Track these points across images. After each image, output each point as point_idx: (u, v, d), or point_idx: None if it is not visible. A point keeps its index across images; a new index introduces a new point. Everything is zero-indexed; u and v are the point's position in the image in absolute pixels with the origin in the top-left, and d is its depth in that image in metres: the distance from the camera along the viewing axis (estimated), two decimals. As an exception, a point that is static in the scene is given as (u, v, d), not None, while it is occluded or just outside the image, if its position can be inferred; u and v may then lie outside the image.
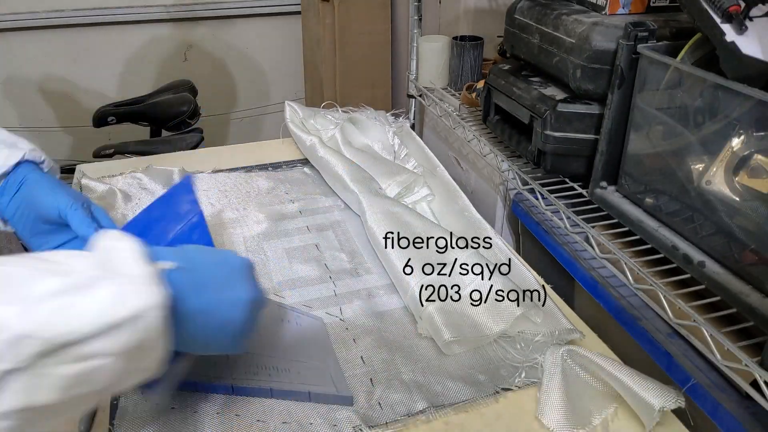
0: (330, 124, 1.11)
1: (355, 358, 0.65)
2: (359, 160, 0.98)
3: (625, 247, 0.79)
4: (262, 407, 0.58)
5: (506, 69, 1.06)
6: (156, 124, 1.83)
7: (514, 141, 1.03)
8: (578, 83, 0.86)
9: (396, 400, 0.60)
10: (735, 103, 0.64)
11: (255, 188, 0.99)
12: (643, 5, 0.87)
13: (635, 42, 0.77)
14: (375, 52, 2.05)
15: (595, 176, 0.88)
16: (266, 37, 2.42)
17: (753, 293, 0.64)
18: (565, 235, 0.89)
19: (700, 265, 0.70)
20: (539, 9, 0.97)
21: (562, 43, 0.89)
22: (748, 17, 0.65)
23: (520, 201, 1.02)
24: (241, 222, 0.89)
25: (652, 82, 0.76)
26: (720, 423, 0.62)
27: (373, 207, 0.82)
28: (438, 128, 1.46)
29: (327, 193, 0.97)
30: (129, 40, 2.25)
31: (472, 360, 0.65)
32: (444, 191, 0.96)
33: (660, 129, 0.76)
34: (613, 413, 0.59)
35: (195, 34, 2.33)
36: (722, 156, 0.67)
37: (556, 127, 0.90)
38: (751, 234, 0.64)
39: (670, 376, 0.68)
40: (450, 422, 0.58)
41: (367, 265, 0.80)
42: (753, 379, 0.59)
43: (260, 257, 0.81)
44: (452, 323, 0.66)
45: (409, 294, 0.70)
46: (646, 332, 0.72)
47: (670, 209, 0.76)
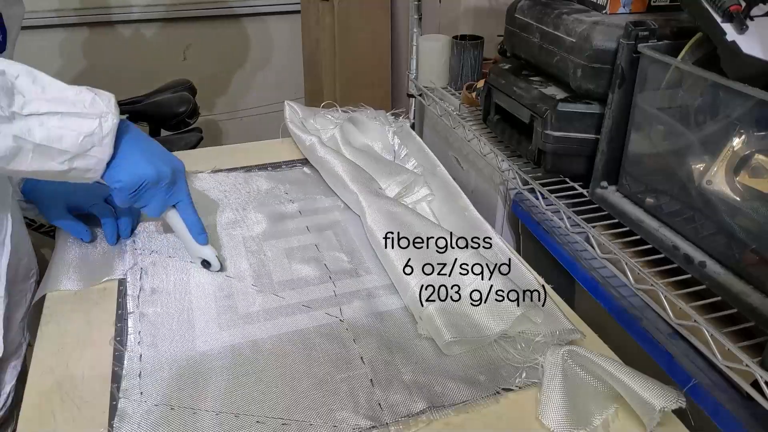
0: (330, 123, 1.10)
1: (355, 358, 0.65)
2: (359, 160, 0.97)
3: (626, 247, 0.79)
4: (261, 408, 0.58)
5: (506, 68, 1.06)
6: (155, 123, 1.83)
7: (514, 140, 1.03)
8: (579, 83, 0.86)
9: (396, 401, 0.59)
10: (736, 102, 0.64)
11: (255, 188, 0.98)
12: (643, 4, 0.87)
13: (636, 41, 0.77)
14: (375, 51, 2.05)
15: (596, 176, 0.87)
16: (266, 37, 2.42)
17: (754, 293, 0.64)
18: (565, 235, 0.89)
19: (701, 265, 0.70)
20: (540, 8, 0.96)
21: (562, 42, 0.89)
22: (748, 17, 0.64)
23: (521, 201, 1.01)
24: (240, 222, 0.89)
25: (653, 82, 0.76)
26: (720, 423, 0.62)
27: (373, 207, 0.82)
28: (438, 128, 1.45)
29: (327, 193, 0.97)
30: (128, 39, 2.25)
31: (472, 360, 0.65)
32: (444, 191, 0.96)
33: (661, 129, 0.76)
34: (614, 414, 0.59)
35: (194, 33, 2.33)
36: (723, 156, 0.67)
37: (557, 127, 0.90)
38: (752, 234, 0.64)
39: (671, 377, 0.68)
40: (450, 423, 0.58)
41: (367, 265, 0.80)
42: (754, 380, 0.59)
43: (260, 257, 0.81)
44: (452, 324, 0.66)
45: (408, 294, 0.70)
46: (646, 332, 0.72)
47: (671, 209, 0.76)
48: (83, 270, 0.77)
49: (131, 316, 0.70)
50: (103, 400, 0.59)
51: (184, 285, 0.75)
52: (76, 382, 0.61)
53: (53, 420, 0.57)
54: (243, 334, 0.68)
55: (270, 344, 0.66)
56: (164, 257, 0.80)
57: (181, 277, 0.77)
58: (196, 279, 0.76)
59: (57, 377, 0.62)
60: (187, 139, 1.76)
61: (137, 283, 0.75)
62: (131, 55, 2.27)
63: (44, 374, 0.62)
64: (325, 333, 0.68)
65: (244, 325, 0.69)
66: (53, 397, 0.59)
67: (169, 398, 0.59)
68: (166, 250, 0.82)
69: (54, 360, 0.64)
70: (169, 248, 0.82)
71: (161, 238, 0.84)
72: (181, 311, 0.71)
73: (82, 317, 0.70)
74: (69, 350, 0.65)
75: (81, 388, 0.61)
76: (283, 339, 0.67)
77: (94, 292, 0.74)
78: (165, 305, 0.72)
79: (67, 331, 0.68)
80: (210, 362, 0.64)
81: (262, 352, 0.65)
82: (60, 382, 0.61)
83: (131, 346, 0.66)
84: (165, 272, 0.77)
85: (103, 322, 0.69)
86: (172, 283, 0.75)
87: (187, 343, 0.66)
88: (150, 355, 0.65)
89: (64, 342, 0.66)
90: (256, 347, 0.66)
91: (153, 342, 0.66)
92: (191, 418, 0.57)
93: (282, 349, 0.66)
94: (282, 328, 0.69)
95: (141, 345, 0.66)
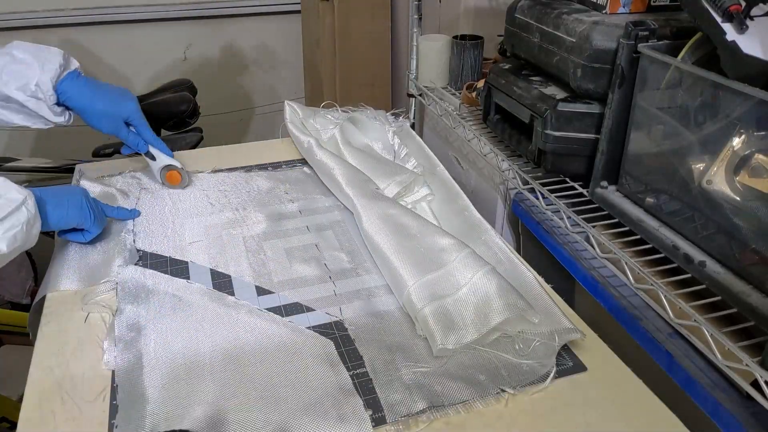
0: (330, 123, 1.10)
1: (355, 358, 0.65)
2: (359, 160, 0.97)
3: (626, 247, 0.79)
4: (262, 412, 0.58)
5: (506, 68, 1.06)
6: (155, 123, 1.82)
7: (514, 140, 1.03)
8: (579, 82, 0.86)
9: (396, 401, 0.59)
10: (736, 102, 0.63)
11: (255, 188, 0.98)
12: (643, 4, 0.87)
13: (636, 41, 0.77)
14: (375, 51, 2.05)
15: (596, 176, 0.87)
16: (266, 37, 2.42)
17: (754, 293, 0.64)
18: (565, 234, 0.89)
19: (701, 264, 0.70)
20: (540, 8, 0.96)
21: (562, 42, 0.89)
22: (748, 16, 0.64)
23: (521, 200, 1.01)
24: (240, 222, 0.89)
25: (653, 82, 0.76)
26: (720, 423, 0.62)
27: (369, 211, 0.82)
28: (438, 127, 1.45)
29: (327, 193, 0.97)
30: (128, 39, 2.25)
31: (472, 360, 0.65)
32: (444, 191, 0.96)
33: (661, 128, 0.76)
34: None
35: (194, 33, 2.33)
36: (723, 155, 0.67)
37: (557, 127, 0.90)
38: (752, 233, 0.64)
39: (671, 376, 0.68)
40: (450, 422, 0.58)
41: (367, 265, 0.80)
42: (753, 379, 0.59)
43: (260, 257, 0.81)
44: (447, 326, 0.66)
45: (405, 296, 0.70)
46: (646, 332, 0.72)
47: (671, 209, 0.76)
48: (83, 270, 0.78)
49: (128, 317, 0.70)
50: (103, 400, 0.59)
51: (184, 287, 0.75)
52: (76, 382, 0.61)
53: (53, 420, 0.57)
54: (237, 339, 0.68)
55: (272, 350, 0.66)
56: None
57: (180, 278, 0.77)
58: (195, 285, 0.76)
59: (57, 377, 0.62)
60: (188, 139, 1.76)
61: (137, 284, 0.75)
62: (131, 55, 2.27)
63: (44, 374, 0.62)
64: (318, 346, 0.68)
65: (240, 331, 0.69)
66: (53, 397, 0.60)
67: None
68: (167, 250, 0.82)
69: (54, 360, 0.64)
70: (168, 247, 0.82)
71: (162, 238, 0.84)
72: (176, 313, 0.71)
73: (82, 317, 0.70)
74: (69, 350, 0.65)
75: (81, 388, 0.61)
76: (284, 344, 0.67)
77: (94, 292, 0.74)
78: (162, 306, 0.72)
79: (67, 331, 0.68)
80: (205, 366, 0.64)
81: (263, 359, 0.65)
82: (60, 382, 0.61)
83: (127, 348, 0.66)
84: (165, 272, 0.77)
85: (103, 322, 0.69)
86: (172, 284, 0.75)
87: (185, 345, 0.66)
88: (150, 354, 0.64)
89: (64, 342, 0.66)
90: (254, 353, 0.66)
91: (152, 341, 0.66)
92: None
93: (284, 351, 0.66)
94: (274, 339, 0.69)
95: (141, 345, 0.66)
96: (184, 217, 0.90)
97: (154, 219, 0.89)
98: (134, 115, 0.94)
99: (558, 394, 0.61)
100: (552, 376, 0.62)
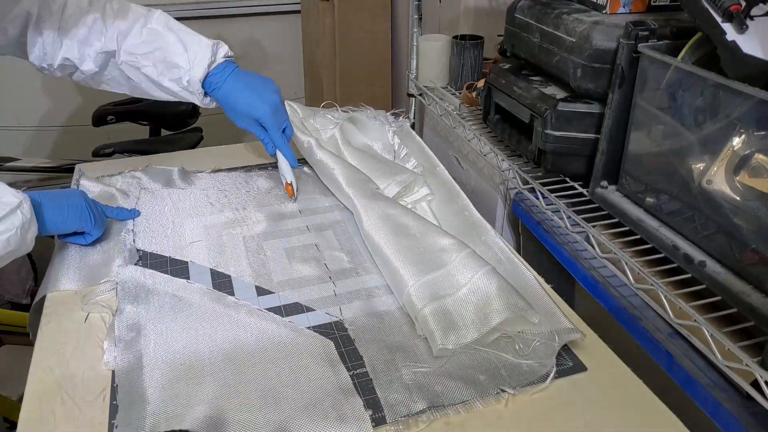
0: (330, 123, 1.10)
1: (355, 358, 0.65)
2: (358, 160, 0.97)
3: (626, 247, 0.79)
4: (262, 413, 0.58)
5: (506, 68, 1.06)
6: (156, 122, 1.83)
7: (514, 140, 1.03)
8: (579, 82, 0.86)
9: (396, 401, 0.59)
10: (736, 102, 0.63)
11: (255, 188, 0.98)
12: (643, 4, 0.87)
13: (636, 41, 0.77)
14: (375, 51, 2.05)
15: (596, 175, 0.87)
16: (266, 37, 2.41)
17: (754, 293, 0.64)
18: (565, 234, 0.89)
19: (701, 264, 0.70)
20: (540, 8, 0.96)
21: (562, 42, 0.89)
22: (748, 16, 0.64)
23: (521, 200, 1.01)
24: (240, 222, 0.89)
25: (653, 82, 0.76)
26: (720, 423, 0.62)
27: (369, 211, 0.82)
28: (438, 127, 1.45)
29: (327, 193, 0.97)
30: (128, 39, 2.25)
31: (472, 360, 0.65)
32: (444, 191, 0.96)
33: (661, 128, 0.76)
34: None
35: (194, 33, 2.32)
36: (723, 155, 0.67)
37: (557, 127, 0.90)
38: (752, 233, 0.64)
39: (671, 376, 0.68)
40: (450, 422, 0.58)
41: (366, 265, 0.80)
42: (753, 379, 0.59)
43: (260, 257, 0.81)
44: (447, 326, 0.66)
45: (404, 296, 0.70)
46: (646, 332, 0.72)
47: (671, 209, 0.76)
48: (83, 270, 0.78)
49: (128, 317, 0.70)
50: (103, 400, 0.59)
51: (184, 287, 0.75)
52: (76, 382, 0.61)
53: (53, 420, 0.57)
54: (237, 339, 0.68)
55: (272, 350, 0.66)
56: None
57: (180, 278, 0.77)
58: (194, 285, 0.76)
59: (57, 377, 0.62)
60: (188, 139, 1.76)
61: (137, 284, 0.75)
62: (131, 55, 2.26)
63: (44, 374, 0.62)
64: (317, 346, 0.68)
65: (239, 331, 0.69)
66: (53, 397, 0.60)
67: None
68: (167, 249, 0.82)
69: (54, 360, 0.64)
70: (168, 247, 0.82)
71: (162, 238, 0.84)
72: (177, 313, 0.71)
73: (82, 317, 0.70)
74: (69, 350, 0.65)
75: (81, 388, 0.61)
76: (284, 344, 0.67)
77: (94, 292, 0.74)
78: (162, 306, 0.72)
79: (67, 331, 0.68)
80: (205, 366, 0.64)
81: (263, 359, 0.65)
82: (60, 382, 0.61)
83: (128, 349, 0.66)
84: (165, 272, 0.77)
85: (103, 322, 0.69)
86: (172, 284, 0.75)
87: (185, 345, 0.66)
88: (150, 353, 0.65)
89: (64, 342, 0.66)
90: (254, 353, 0.66)
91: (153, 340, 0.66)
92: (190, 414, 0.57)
93: (284, 351, 0.66)
94: (276, 338, 0.69)
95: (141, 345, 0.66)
96: (184, 216, 0.90)
97: (154, 219, 0.89)
98: (266, 117, 0.94)
99: (558, 394, 0.61)
100: (552, 376, 0.62)
